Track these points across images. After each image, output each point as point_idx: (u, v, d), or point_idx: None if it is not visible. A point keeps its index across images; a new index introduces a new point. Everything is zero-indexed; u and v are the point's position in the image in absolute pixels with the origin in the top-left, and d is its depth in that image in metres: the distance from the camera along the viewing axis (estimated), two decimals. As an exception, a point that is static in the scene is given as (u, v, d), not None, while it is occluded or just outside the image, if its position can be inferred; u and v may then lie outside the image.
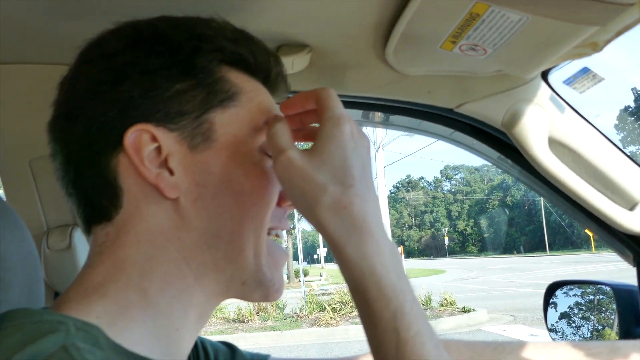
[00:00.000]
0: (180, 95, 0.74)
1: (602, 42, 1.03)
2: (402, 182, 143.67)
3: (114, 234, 0.73)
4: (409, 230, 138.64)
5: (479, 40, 1.06)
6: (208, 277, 0.76)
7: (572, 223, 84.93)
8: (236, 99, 0.78)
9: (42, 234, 1.49)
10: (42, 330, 0.60)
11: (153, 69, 0.74)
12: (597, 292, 1.72)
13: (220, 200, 0.75)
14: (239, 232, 0.76)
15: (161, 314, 0.72)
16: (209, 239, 0.75)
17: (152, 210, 0.73)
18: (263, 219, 0.78)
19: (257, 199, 0.77)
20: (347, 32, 1.16)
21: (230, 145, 0.76)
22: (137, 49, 0.75)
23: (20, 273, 0.79)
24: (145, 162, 0.72)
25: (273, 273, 0.81)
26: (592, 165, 1.37)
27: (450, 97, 1.40)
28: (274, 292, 0.81)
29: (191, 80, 0.75)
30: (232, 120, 0.77)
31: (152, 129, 0.72)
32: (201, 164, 0.74)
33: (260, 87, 0.84)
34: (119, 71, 0.74)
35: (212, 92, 0.76)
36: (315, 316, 14.06)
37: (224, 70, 0.79)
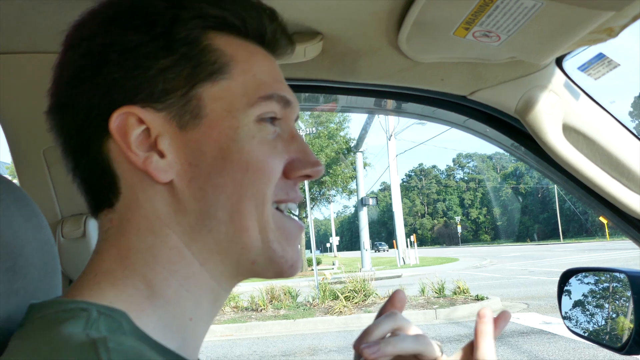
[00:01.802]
0: (163, 73, 0.71)
1: (618, 27, 1.02)
2: (415, 170, 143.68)
3: (117, 221, 0.73)
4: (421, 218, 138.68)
5: (493, 26, 1.05)
6: (214, 261, 0.74)
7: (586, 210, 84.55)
8: (226, 71, 0.74)
9: (57, 223, 1.50)
10: (63, 319, 0.61)
11: (132, 46, 0.70)
12: (612, 279, 1.71)
13: (216, 179, 0.71)
14: (239, 210, 0.72)
15: (171, 303, 0.71)
16: (208, 220, 0.72)
17: (148, 196, 0.72)
18: (264, 194, 0.73)
19: (255, 175, 0.73)
20: (359, 20, 1.15)
21: (221, 120, 0.72)
22: (114, 27, 0.72)
23: (38, 261, 0.79)
24: (133, 147, 0.70)
25: (284, 248, 0.76)
26: (607, 152, 1.36)
27: (463, 84, 1.39)
28: (287, 268, 0.77)
29: (173, 55, 0.71)
30: (222, 94, 0.73)
31: (138, 111, 0.70)
32: (192, 142, 0.72)
33: (256, 52, 0.79)
34: (99, 54, 0.71)
35: (198, 66, 0.72)
36: (328, 304, 14.10)
37: (211, 37, 0.74)
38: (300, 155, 0.79)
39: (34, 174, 1.48)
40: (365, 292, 14.41)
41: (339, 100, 1.60)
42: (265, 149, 0.74)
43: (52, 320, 0.62)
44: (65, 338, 0.57)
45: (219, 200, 0.72)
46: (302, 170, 0.78)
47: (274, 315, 13.57)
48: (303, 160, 0.79)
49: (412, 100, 1.51)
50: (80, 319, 0.60)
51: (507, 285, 18.73)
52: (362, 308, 13.56)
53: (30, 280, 0.76)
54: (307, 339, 11.43)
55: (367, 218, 33.72)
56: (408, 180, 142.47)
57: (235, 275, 0.77)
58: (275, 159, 0.75)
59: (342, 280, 16.53)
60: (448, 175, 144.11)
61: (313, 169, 0.79)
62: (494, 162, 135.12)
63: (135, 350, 0.57)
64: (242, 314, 13.91)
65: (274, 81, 0.78)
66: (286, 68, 1.28)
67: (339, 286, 15.37)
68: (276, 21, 0.81)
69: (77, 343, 0.55)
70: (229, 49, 0.75)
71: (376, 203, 37.49)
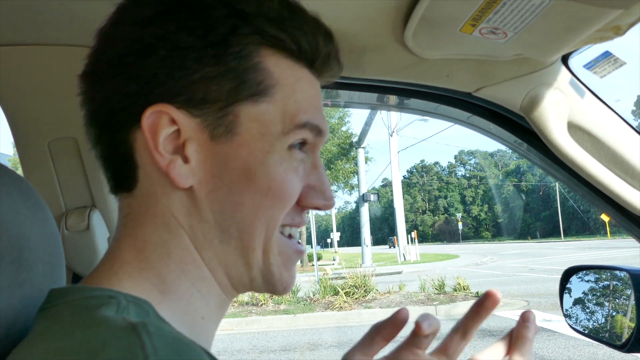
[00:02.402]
0: (208, 81, 0.70)
1: (626, 25, 1.02)
2: (416, 167, 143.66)
3: (136, 208, 0.73)
4: (422, 215, 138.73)
5: (500, 23, 1.05)
6: (221, 271, 0.75)
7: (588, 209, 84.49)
8: (269, 94, 0.73)
9: (61, 215, 1.50)
10: (93, 305, 0.61)
11: (183, 46, 0.69)
12: (613, 277, 1.71)
13: (235, 196, 0.72)
14: (250, 230, 0.73)
15: (183, 300, 0.71)
16: (220, 232, 0.73)
17: (167, 194, 0.72)
18: (277, 219, 0.74)
19: (274, 199, 0.73)
20: (366, 16, 1.15)
21: (254, 141, 0.72)
22: (169, 21, 0.70)
23: (43, 253, 0.79)
24: (160, 147, 0.70)
25: (281, 273, 0.77)
26: (612, 150, 1.36)
27: (469, 81, 1.39)
28: (281, 289, 0.78)
29: (222, 66, 0.70)
30: (260, 116, 0.72)
31: (173, 111, 0.69)
32: (220, 155, 0.71)
33: (303, 77, 0.78)
34: (147, 43, 0.69)
35: (243, 83, 0.71)
36: (328, 300, 14.11)
37: (262, 54, 0.73)
38: (318, 185, 0.79)
39: (38, 166, 1.49)
40: (366, 288, 14.42)
41: (343, 95, 1.60)
42: (289, 177, 0.74)
43: (82, 305, 0.62)
44: (102, 322, 0.57)
45: (234, 217, 0.72)
46: (315, 200, 0.78)
47: (274, 310, 13.58)
48: (318, 192, 0.79)
49: (417, 96, 1.51)
50: (111, 305, 0.61)
51: (507, 283, 18.73)
52: (363, 304, 13.57)
53: (35, 273, 0.76)
54: (307, 334, 11.44)
55: (368, 214, 33.69)
56: (409, 176, 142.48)
57: (235, 287, 0.78)
58: (296, 188, 0.75)
59: (342, 276, 16.53)
60: (450, 172, 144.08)
61: (325, 203, 0.79)
62: (495, 159, 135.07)
63: (173, 333, 0.58)
64: (243, 309, 13.92)
65: (313, 109, 0.77)
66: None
67: (340, 282, 15.38)
68: (330, 44, 0.80)
69: (117, 326, 0.55)
70: (277, 71, 0.74)
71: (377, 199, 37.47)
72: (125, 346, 0.52)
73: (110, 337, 0.54)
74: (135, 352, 0.51)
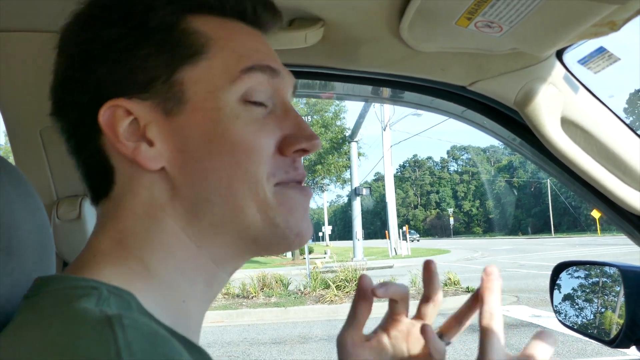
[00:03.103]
0: (144, 62, 0.71)
1: (621, 20, 1.02)
2: (409, 161, 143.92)
3: (113, 209, 0.74)
4: (414, 209, 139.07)
5: (495, 17, 1.05)
6: (212, 242, 0.74)
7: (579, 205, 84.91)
8: (205, 51, 0.73)
9: (52, 204, 1.50)
10: (75, 295, 0.61)
11: (111, 41, 0.71)
12: (603, 274, 1.72)
13: (204, 163, 0.72)
14: (231, 193, 0.72)
15: (164, 285, 0.71)
16: (203, 204, 0.72)
17: (143, 183, 0.73)
18: (255, 174, 0.72)
19: (242, 155, 0.72)
20: (361, 7, 1.14)
21: (203, 102, 0.72)
22: (95, 25, 0.73)
23: (33, 242, 0.79)
24: (121, 138, 0.71)
25: (288, 220, 0.75)
26: (605, 146, 1.36)
27: (463, 75, 1.39)
28: (293, 237, 0.76)
29: (151, 44, 0.72)
30: (202, 76, 0.73)
31: (124, 102, 0.71)
32: (179, 128, 0.72)
33: (237, 28, 0.78)
34: (83, 53, 0.72)
35: (175, 51, 0.72)
36: (319, 293, 14.14)
37: (188, 20, 0.74)
38: (294, 130, 0.77)
39: (30, 155, 1.48)
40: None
41: (336, 87, 1.60)
42: (251, 129, 0.73)
43: (63, 296, 0.62)
44: (79, 314, 0.57)
45: (210, 184, 0.72)
46: (296, 144, 0.76)
47: (265, 303, 13.60)
48: (297, 135, 0.77)
49: (411, 89, 1.51)
50: (92, 297, 0.61)
51: (497, 278, 18.78)
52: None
53: (24, 261, 0.76)
54: (297, 327, 11.46)
55: (360, 208, 33.74)
56: (402, 171, 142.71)
57: (239, 254, 0.77)
58: (264, 138, 0.74)
59: (333, 270, 16.56)
60: (442, 167, 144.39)
61: (309, 143, 0.77)
62: (488, 154, 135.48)
63: (149, 327, 0.57)
64: (233, 301, 13.93)
65: (255, 52, 0.77)
66: (286, 53, 1.27)
67: (331, 275, 15.40)
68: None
69: (92, 319, 0.55)
70: (207, 29, 0.74)
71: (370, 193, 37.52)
72: (98, 339, 0.52)
73: (85, 331, 0.54)
74: (108, 345, 0.51)
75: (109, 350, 0.50)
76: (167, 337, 0.57)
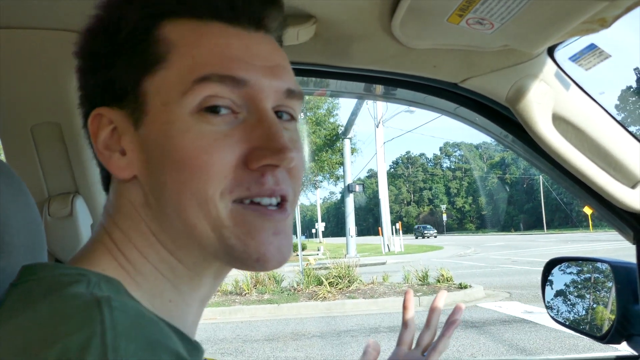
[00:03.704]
0: (118, 72, 0.73)
1: (611, 18, 1.02)
2: (402, 158, 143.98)
3: (108, 204, 0.79)
4: (407, 206, 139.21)
5: (487, 14, 1.05)
6: (181, 252, 0.73)
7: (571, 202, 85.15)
8: (164, 60, 0.71)
9: (44, 201, 1.49)
10: (64, 282, 0.63)
11: (93, 52, 0.75)
12: (595, 270, 1.73)
13: (161, 176, 0.70)
14: (182, 208, 0.70)
15: (149, 283, 0.73)
16: (161, 215, 0.72)
17: (125, 187, 0.76)
18: (205, 192, 0.68)
19: (191, 172, 0.68)
20: (353, 4, 1.14)
21: (158, 115, 0.70)
22: (87, 35, 0.76)
23: (24, 239, 0.79)
24: (100, 147, 0.75)
25: (246, 243, 0.70)
26: (596, 142, 1.37)
27: (455, 72, 1.39)
28: (253, 263, 0.70)
29: (123, 53, 0.72)
30: (160, 86, 0.70)
31: (107, 111, 0.74)
32: (143, 140, 0.72)
33: (208, 31, 0.72)
34: (83, 62, 0.77)
35: (140, 59, 0.71)
36: (312, 290, 14.13)
37: (160, 26, 0.72)
38: (262, 142, 0.70)
39: (21, 152, 1.47)
40: (350, 279, 14.45)
41: (329, 84, 1.60)
42: (201, 143, 0.68)
43: (52, 282, 0.63)
44: (70, 297, 0.58)
45: (164, 198, 0.71)
46: (261, 159, 0.70)
47: (258, 300, 13.58)
48: (264, 148, 0.70)
49: (403, 86, 1.51)
50: (81, 283, 0.62)
51: (490, 274, 18.87)
52: (346, 294, 13.60)
53: (16, 258, 0.76)
54: (290, 323, 11.46)
55: (353, 204, 33.74)
56: (395, 167, 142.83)
57: (207, 266, 0.76)
58: (217, 152, 0.69)
59: (326, 266, 16.57)
60: (435, 163, 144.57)
61: (275, 157, 0.70)
62: (480, 151, 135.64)
63: (137, 309, 0.58)
64: (226, 298, 13.92)
65: (218, 60, 0.71)
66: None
67: (324, 272, 15.41)
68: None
69: (82, 301, 0.56)
70: (175, 36, 0.71)
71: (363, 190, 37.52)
72: (85, 319, 0.53)
73: (73, 311, 0.55)
74: (94, 325, 0.51)
75: (95, 331, 0.51)
76: (155, 320, 0.58)
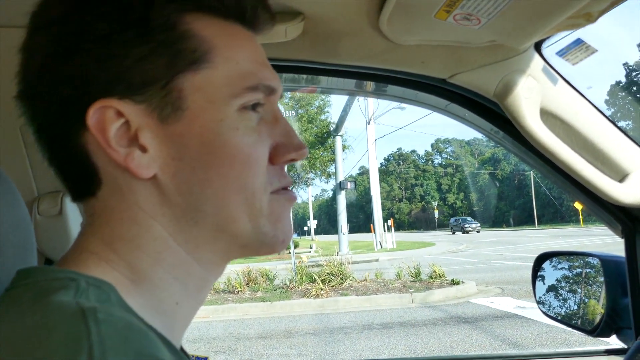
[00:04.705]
0: (141, 62, 0.67)
1: (597, 12, 1.03)
2: (393, 155, 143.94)
3: (101, 209, 0.72)
4: (399, 203, 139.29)
5: (473, 9, 1.06)
6: (202, 249, 0.73)
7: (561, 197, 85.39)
8: (207, 59, 0.70)
9: (33, 200, 1.49)
10: (52, 287, 0.60)
11: (105, 34, 0.66)
12: (585, 264, 1.74)
13: (201, 173, 0.70)
14: (226, 204, 0.71)
15: (157, 288, 0.70)
16: (194, 213, 0.71)
17: (131, 188, 0.70)
18: (252, 186, 0.72)
19: (241, 167, 0.71)
20: (341, 0, 1.15)
21: (203, 112, 0.70)
22: (86, 12, 0.67)
23: (13, 238, 0.78)
24: (112, 143, 0.67)
25: (276, 227, 0.76)
26: (583, 136, 1.38)
27: (443, 67, 1.39)
28: (279, 244, 0.77)
29: (151, 43, 0.67)
30: (203, 85, 0.70)
31: (116, 103, 0.67)
32: (175, 136, 0.69)
33: (236, 34, 0.75)
34: (70, 41, 0.67)
35: (177, 54, 0.69)
36: (305, 287, 14.14)
37: (188, 21, 0.70)
38: (284, 139, 0.77)
39: (10, 151, 1.47)
40: (342, 276, 14.47)
41: (320, 81, 1.60)
42: (249, 140, 0.72)
43: (41, 288, 0.62)
44: (54, 307, 0.56)
45: (205, 194, 0.70)
46: (286, 155, 0.76)
47: (250, 298, 13.58)
48: (287, 144, 0.77)
49: (393, 82, 1.51)
50: (69, 289, 0.60)
51: (482, 270, 18.90)
52: (339, 291, 13.61)
53: (4, 257, 0.76)
54: (283, 321, 11.46)
55: (345, 202, 33.75)
56: (386, 164, 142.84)
57: (224, 260, 0.77)
58: (260, 148, 0.73)
59: (319, 264, 16.56)
60: (426, 160, 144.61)
61: (297, 152, 0.77)
62: (471, 147, 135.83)
63: (124, 320, 0.56)
64: (219, 296, 13.90)
65: (259, 69, 0.75)
66: (266, 48, 1.26)
67: (316, 269, 15.41)
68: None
69: (67, 313, 0.54)
70: (209, 34, 0.71)
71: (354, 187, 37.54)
72: (70, 334, 0.51)
73: (58, 324, 0.53)
74: (80, 340, 0.50)
75: (82, 346, 0.50)
76: (144, 331, 0.57)
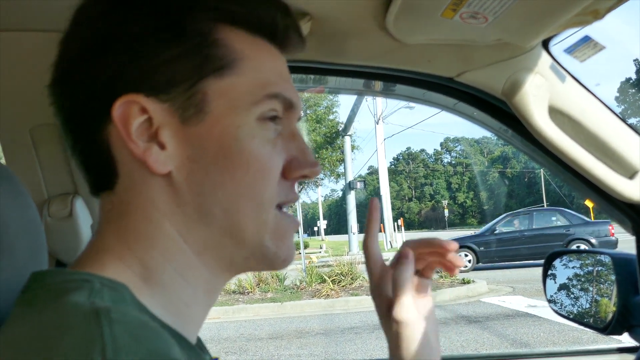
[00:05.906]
0: (170, 63, 0.70)
1: (604, 9, 1.02)
2: (403, 154, 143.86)
3: (117, 203, 0.73)
4: (409, 202, 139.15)
5: (480, 8, 1.05)
6: (209, 254, 0.74)
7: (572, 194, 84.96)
8: (234, 67, 0.73)
9: (43, 202, 1.50)
10: (67, 289, 0.61)
11: (141, 33, 0.69)
12: (596, 262, 1.73)
13: (214, 176, 0.71)
14: (235, 209, 0.72)
15: (167, 288, 0.71)
16: (204, 215, 0.72)
17: (146, 183, 0.71)
18: (263, 196, 0.74)
19: (255, 175, 0.72)
20: (347, 0, 1.15)
21: (223, 117, 0.71)
22: (124, 11, 0.71)
23: (23, 240, 0.79)
24: (133, 137, 0.69)
25: (278, 246, 0.77)
26: (593, 133, 1.37)
27: (450, 66, 1.39)
28: (279, 263, 0.78)
29: (182, 46, 0.70)
30: (228, 91, 0.72)
31: (141, 100, 0.69)
32: (194, 137, 0.71)
33: (266, 50, 0.78)
34: (106, 37, 0.70)
35: (205, 59, 0.71)
36: (315, 288, 14.15)
37: (221, 31, 0.73)
38: (299, 155, 0.79)
39: (20, 153, 1.48)
40: (352, 276, 14.46)
41: (327, 81, 1.60)
42: (265, 150, 0.74)
43: (56, 289, 0.62)
44: (68, 308, 0.57)
45: (216, 197, 0.72)
46: (300, 170, 0.78)
47: (261, 298, 13.60)
48: (302, 160, 0.78)
49: (400, 82, 1.51)
50: (83, 290, 0.61)
51: (492, 269, 18.86)
52: (349, 291, 13.61)
53: (16, 259, 0.76)
54: (294, 321, 11.48)
55: (354, 202, 33.72)
56: (396, 164, 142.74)
57: (228, 268, 0.78)
58: (275, 159, 0.75)
59: (329, 264, 16.57)
60: (436, 159, 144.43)
61: (311, 170, 0.79)
62: (481, 146, 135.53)
63: (138, 320, 0.57)
64: (230, 297, 13.92)
65: (281, 81, 0.77)
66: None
67: (326, 269, 15.41)
68: (289, 17, 0.80)
69: (81, 313, 0.55)
70: (239, 45, 0.74)
71: (364, 187, 37.51)
72: (84, 334, 0.52)
73: (72, 324, 0.54)
74: (94, 340, 0.51)
75: (95, 346, 0.50)
76: (157, 330, 0.57)
